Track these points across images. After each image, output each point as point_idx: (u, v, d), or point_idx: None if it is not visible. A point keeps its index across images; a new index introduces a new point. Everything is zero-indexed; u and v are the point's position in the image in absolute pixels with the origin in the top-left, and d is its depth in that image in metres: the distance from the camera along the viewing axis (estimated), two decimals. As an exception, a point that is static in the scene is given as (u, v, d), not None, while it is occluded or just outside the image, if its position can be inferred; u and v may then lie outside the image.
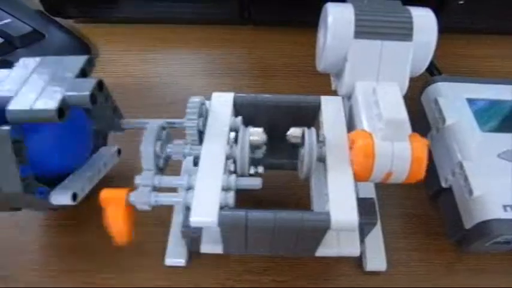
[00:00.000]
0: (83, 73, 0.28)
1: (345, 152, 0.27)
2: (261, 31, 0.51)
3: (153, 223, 0.34)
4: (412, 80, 0.30)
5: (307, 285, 0.32)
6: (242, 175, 0.26)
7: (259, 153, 0.27)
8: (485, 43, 0.50)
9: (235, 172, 0.27)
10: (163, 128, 0.28)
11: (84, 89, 0.26)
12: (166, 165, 0.28)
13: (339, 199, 0.24)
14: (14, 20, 0.44)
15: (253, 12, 0.49)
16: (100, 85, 0.27)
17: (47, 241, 0.34)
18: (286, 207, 0.25)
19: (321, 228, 0.24)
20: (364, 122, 0.26)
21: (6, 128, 0.25)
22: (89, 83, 0.27)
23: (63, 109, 0.25)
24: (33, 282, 0.32)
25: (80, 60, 0.29)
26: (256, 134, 0.27)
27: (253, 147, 0.27)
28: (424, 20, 0.28)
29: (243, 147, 0.26)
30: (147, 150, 0.26)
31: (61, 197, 0.29)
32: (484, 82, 0.37)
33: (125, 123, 0.31)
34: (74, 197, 0.29)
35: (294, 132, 0.27)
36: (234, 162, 0.27)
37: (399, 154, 0.25)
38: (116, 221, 0.26)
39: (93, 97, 0.26)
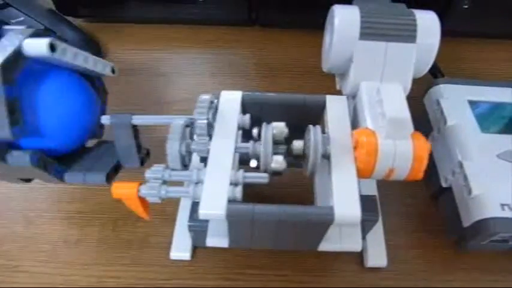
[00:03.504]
0: None
1: (349, 149, 0.27)
2: (268, 32, 0.52)
3: (158, 218, 0.35)
4: (415, 82, 0.31)
5: (307, 280, 0.33)
6: (265, 171, 0.27)
7: (282, 149, 0.28)
8: (488, 47, 0.51)
9: (258, 168, 0.27)
10: (187, 125, 0.28)
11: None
12: (190, 161, 0.29)
13: (343, 194, 0.25)
14: (27, 18, 0.45)
15: (260, 14, 0.50)
16: None
17: (55, 233, 0.35)
18: (291, 203, 0.25)
19: (325, 222, 0.25)
20: (368, 121, 0.27)
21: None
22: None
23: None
24: (40, 272, 0.33)
25: None
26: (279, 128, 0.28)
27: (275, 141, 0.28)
28: (428, 22, 0.29)
29: (267, 143, 0.27)
30: (173, 148, 0.27)
31: (96, 178, 0.30)
32: (486, 85, 0.38)
33: (135, 120, 0.32)
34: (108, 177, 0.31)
35: (296, 145, 0.28)
36: (257, 158, 0.27)
37: (401, 152, 0.25)
38: (133, 207, 0.27)
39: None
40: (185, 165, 0.28)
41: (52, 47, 0.26)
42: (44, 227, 0.35)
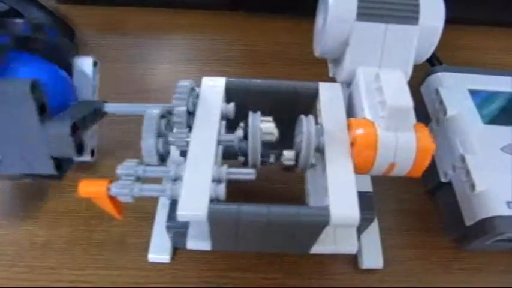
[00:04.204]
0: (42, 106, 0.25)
1: (345, 142, 0.25)
2: (252, 17, 0.49)
3: (135, 216, 0.33)
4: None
5: (300, 284, 0.30)
6: (254, 166, 0.24)
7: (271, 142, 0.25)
8: (483, 35, 0.49)
9: (245, 164, 0.25)
10: (164, 115, 0.25)
11: (66, 147, 0.25)
12: (168, 155, 0.26)
13: (339, 193, 0.23)
14: (-9, -2, 0.41)
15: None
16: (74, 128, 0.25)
17: (20, 235, 0.32)
18: (280, 201, 0.23)
19: (319, 224, 0.22)
20: (365, 110, 0.25)
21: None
22: (64, 137, 0.25)
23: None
24: (4, 278, 0.30)
25: (25, 95, 0.24)
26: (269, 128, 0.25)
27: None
28: (432, 3, 0.27)
29: (255, 136, 0.24)
30: (149, 141, 0.24)
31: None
32: (487, 73, 0.36)
33: (108, 108, 0.29)
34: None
35: (287, 155, 0.25)
36: (245, 154, 0.25)
37: (403, 145, 0.23)
38: (104, 207, 0.25)
39: (79, 147, 0.26)
40: (163, 160, 0.25)
41: (95, 64, 0.32)
42: (8, 227, 0.32)
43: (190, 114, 0.26)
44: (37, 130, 0.24)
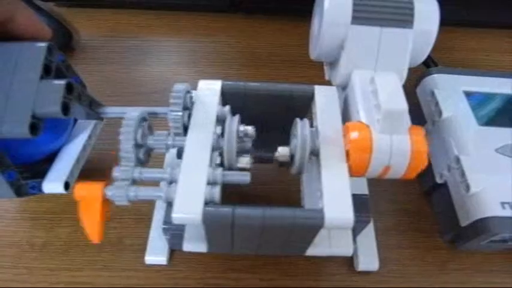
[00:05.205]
0: (47, 69, 0.25)
1: (340, 145, 0.25)
2: (251, 19, 0.49)
3: (132, 218, 0.33)
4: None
5: (295, 285, 0.31)
6: (230, 168, 0.25)
7: (248, 144, 0.26)
8: (480, 36, 0.49)
9: (222, 165, 0.25)
10: (144, 118, 0.26)
11: (52, 101, 0.23)
12: (148, 158, 0.26)
13: (334, 196, 0.23)
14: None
15: (244, 0, 0.47)
16: (69, 88, 0.25)
17: (19, 236, 0.32)
18: (275, 203, 0.23)
19: (314, 227, 0.22)
20: (361, 113, 0.25)
21: None
22: (56, 91, 0.24)
23: (35, 124, 0.24)
24: (2, 279, 0.30)
25: (40, 51, 0.24)
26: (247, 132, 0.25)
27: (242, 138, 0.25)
28: (426, 6, 0.27)
29: (230, 138, 0.24)
30: (126, 142, 0.24)
31: (53, 187, 0.28)
32: (482, 75, 0.36)
33: (105, 112, 0.29)
34: (67, 186, 0.28)
35: (282, 151, 0.26)
36: (221, 154, 0.25)
37: (398, 148, 0.23)
38: (89, 218, 0.24)
39: (65, 106, 0.24)
40: (141, 162, 0.25)
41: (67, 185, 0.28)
42: (7, 228, 0.32)
43: (186, 117, 0.26)
44: (32, 86, 0.24)
